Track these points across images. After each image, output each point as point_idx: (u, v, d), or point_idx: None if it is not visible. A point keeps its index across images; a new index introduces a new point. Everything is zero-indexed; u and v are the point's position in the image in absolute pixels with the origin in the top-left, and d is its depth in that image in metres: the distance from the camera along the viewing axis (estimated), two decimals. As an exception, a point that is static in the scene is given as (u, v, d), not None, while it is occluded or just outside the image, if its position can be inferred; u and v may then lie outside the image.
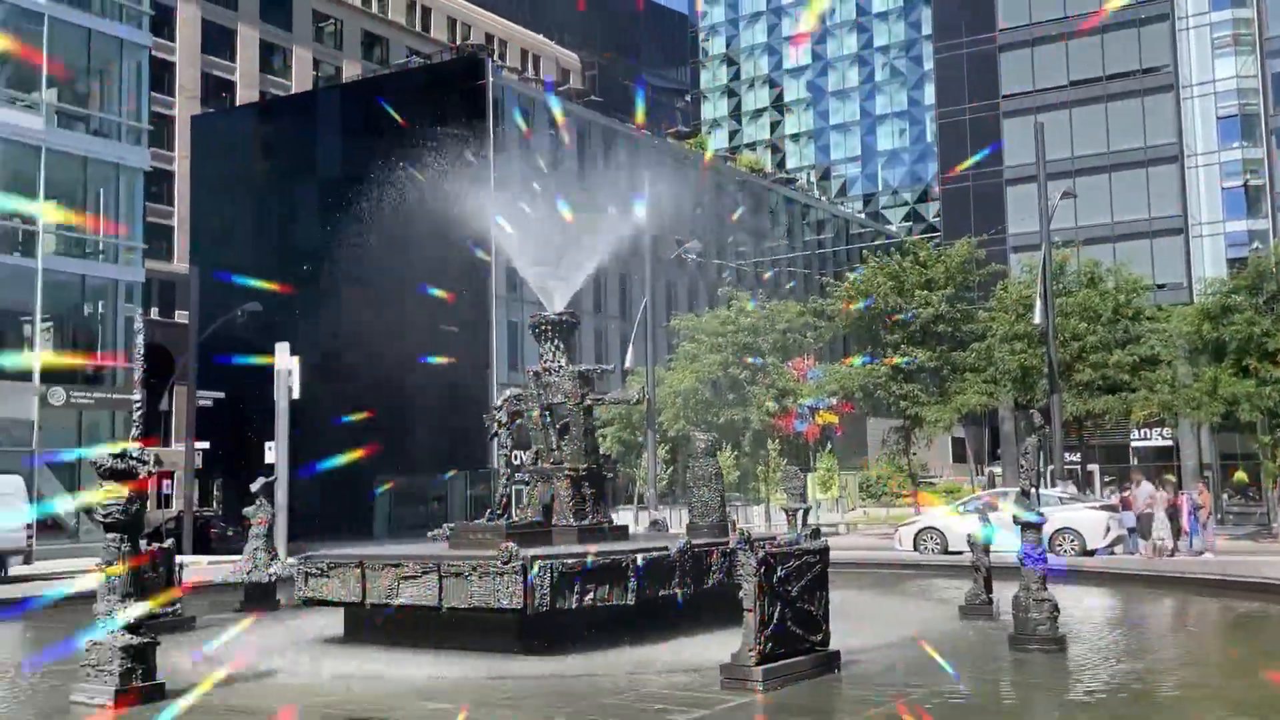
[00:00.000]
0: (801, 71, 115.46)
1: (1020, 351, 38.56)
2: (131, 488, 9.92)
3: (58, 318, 39.42)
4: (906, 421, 41.68)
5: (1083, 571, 19.87)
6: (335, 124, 56.89)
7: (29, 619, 18.15)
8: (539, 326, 14.76)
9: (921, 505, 38.02)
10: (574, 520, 13.88)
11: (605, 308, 57.37)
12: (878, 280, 41.20)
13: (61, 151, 37.65)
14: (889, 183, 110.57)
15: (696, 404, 43.57)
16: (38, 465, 35.78)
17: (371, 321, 48.88)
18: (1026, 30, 56.61)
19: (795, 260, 73.77)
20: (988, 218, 55.52)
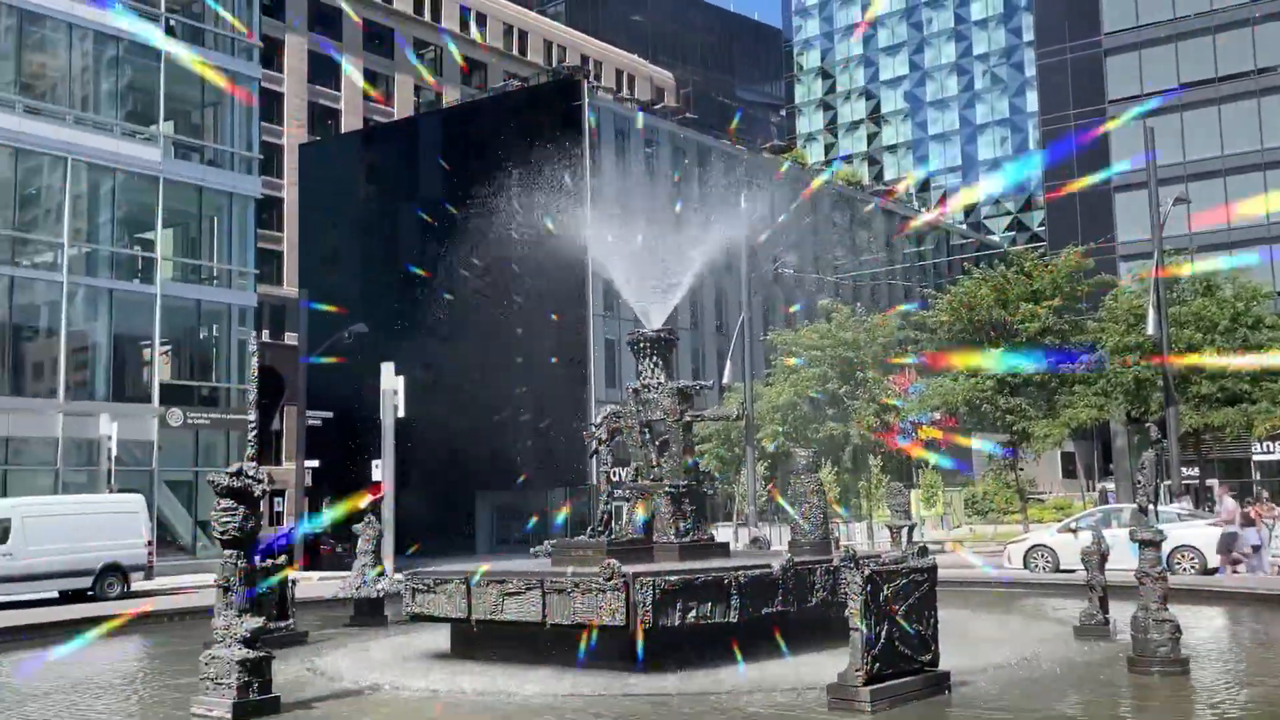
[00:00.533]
0: (899, 82, 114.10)
1: (1133, 364, 37.40)
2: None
3: (175, 341, 40.96)
4: (1013, 436, 40.73)
5: (1204, 591, 19.11)
6: (436, 148, 58.03)
7: (149, 632, 18.80)
8: (638, 343, 14.80)
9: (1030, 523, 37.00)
10: (675, 537, 13.85)
11: (702, 324, 57.33)
12: (981, 293, 40.41)
13: (178, 182, 39.16)
14: (991, 192, 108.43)
15: (796, 419, 43.22)
16: (157, 485, 37.16)
17: (473, 340, 49.65)
18: (1133, 33, 55.08)
19: (895, 273, 72.76)
20: (1095, 226, 54.03)
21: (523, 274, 44.72)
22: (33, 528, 25.86)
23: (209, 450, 39.09)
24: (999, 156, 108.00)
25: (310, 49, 69.04)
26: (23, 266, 36.34)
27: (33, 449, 35.83)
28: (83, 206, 37.61)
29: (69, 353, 36.30)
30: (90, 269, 37.60)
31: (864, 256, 69.87)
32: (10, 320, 35.93)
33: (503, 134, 52.05)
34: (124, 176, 38.00)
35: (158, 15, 39.20)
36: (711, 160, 58.00)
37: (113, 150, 37.46)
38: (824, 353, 44.63)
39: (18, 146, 35.40)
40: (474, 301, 49.93)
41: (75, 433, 35.57)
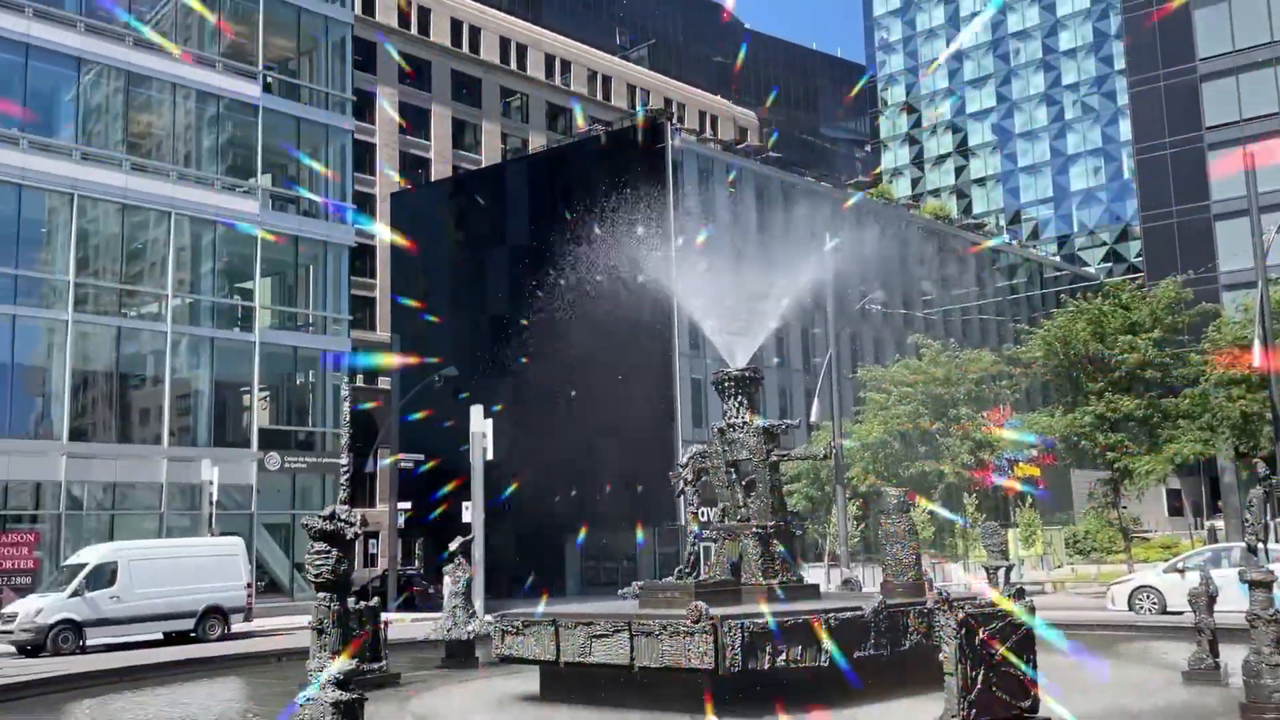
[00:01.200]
0: (986, 114, 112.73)
1: (1239, 397, 36.09)
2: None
3: (273, 388, 42.05)
4: (1114, 473, 39.52)
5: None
6: (523, 194, 58.96)
7: (248, 673, 19.18)
8: (722, 383, 14.74)
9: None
10: (763, 578, 13.69)
11: (789, 361, 56.95)
12: (1076, 327, 39.44)
13: (275, 233, 40.37)
14: (1085, 223, 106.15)
15: (886, 457, 42.56)
16: (256, 528, 38.04)
17: (561, 381, 50.01)
18: (1229, 58, 53.68)
19: (986, 307, 71.50)
20: (1195, 255, 52.46)
21: (609, 315, 44.97)
22: (138, 571, 26.64)
23: (305, 493, 39.93)
24: (1091, 187, 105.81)
25: (402, 100, 70.88)
26: (129, 317, 37.75)
27: (138, 494, 37.01)
28: (185, 258, 38.99)
29: (172, 400, 37.50)
30: (193, 318, 38.90)
31: (954, 291, 68.83)
32: (117, 369, 37.28)
33: (588, 178, 52.68)
34: (224, 229, 39.33)
35: (255, 73, 40.65)
36: (796, 198, 57.85)
37: (213, 204, 38.82)
38: (915, 389, 43.94)
39: (125, 203, 36.88)
40: (561, 343, 50.34)
41: (178, 478, 36.66)
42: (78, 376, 36.21)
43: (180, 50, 38.64)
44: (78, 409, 36.25)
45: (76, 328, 35.63)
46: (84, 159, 36.31)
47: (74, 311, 35.43)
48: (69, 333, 35.24)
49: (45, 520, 34.57)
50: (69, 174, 35.57)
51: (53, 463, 34.34)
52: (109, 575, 26.27)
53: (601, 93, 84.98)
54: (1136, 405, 37.74)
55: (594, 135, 60.71)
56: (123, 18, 37.38)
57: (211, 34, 40.44)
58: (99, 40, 36.82)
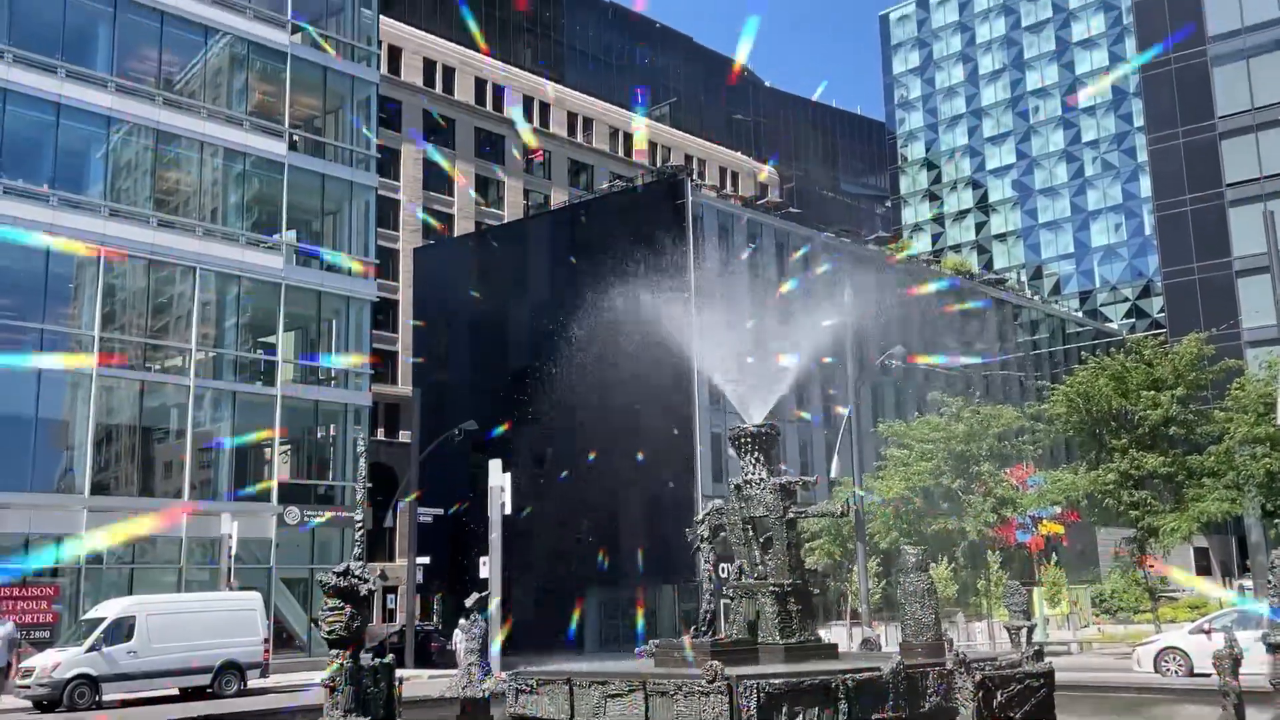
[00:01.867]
0: (1006, 171, 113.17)
1: (1264, 455, 35.73)
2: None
3: (294, 441, 42.21)
4: (1139, 531, 39.05)
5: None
6: (544, 249, 59.42)
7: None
8: (738, 439, 14.71)
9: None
10: (780, 638, 13.54)
11: (810, 416, 56.76)
12: (1099, 383, 39.23)
13: (298, 287, 40.78)
14: (1106, 279, 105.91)
15: (908, 514, 42.22)
16: (274, 582, 38.00)
17: (581, 437, 50.01)
18: (1249, 115, 53.80)
19: (1009, 363, 71.21)
20: (1218, 312, 52.19)
21: (630, 370, 45.06)
22: (156, 626, 26.62)
23: (324, 548, 39.89)
24: (1113, 243, 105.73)
25: (426, 157, 71.83)
26: (154, 371, 38.08)
27: (158, 548, 37.07)
28: (210, 313, 39.40)
29: (194, 453, 37.68)
30: (216, 372, 39.20)
31: (977, 345, 68.63)
32: (140, 423, 37.54)
33: (609, 233, 53.08)
34: (249, 283, 39.78)
35: (282, 131, 41.31)
36: (816, 253, 58.05)
37: (238, 259, 39.30)
38: (936, 445, 43.68)
39: (151, 258, 37.38)
40: (582, 398, 50.43)
41: (199, 532, 36.73)
42: (101, 430, 36.47)
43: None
44: (100, 463, 36.47)
45: (100, 381, 35.96)
46: (112, 215, 36.89)
47: (99, 366, 35.79)
48: (93, 387, 35.56)
49: (65, 574, 34.65)
50: (97, 230, 36.12)
51: (74, 517, 34.49)
52: (127, 630, 26.26)
53: (623, 149, 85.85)
54: (1161, 463, 37.41)
55: (615, 191, 61.29)
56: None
57: (239, 92, 41.20)
58: (129, 99, 37.56)
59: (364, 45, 44.76)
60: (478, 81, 76.91)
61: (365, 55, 44.68)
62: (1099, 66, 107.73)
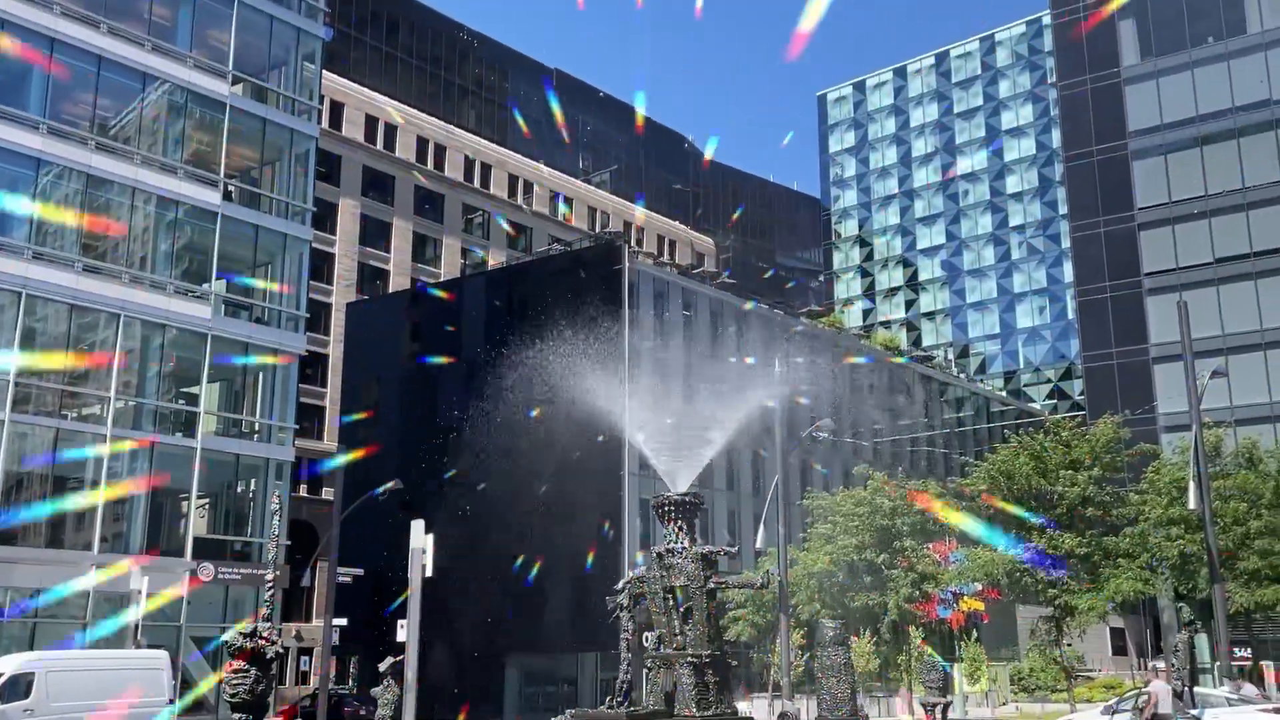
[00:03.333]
0: (936, 251, 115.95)
1: (1177, 537, 36.55)
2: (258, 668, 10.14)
3: (212, 495, 41.25)
4: (1056, 610, 39.57)
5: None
6: (480, 309, 59.31)
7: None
8: (661, 507, 14.76)
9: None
10: (696, 709, 13.50)
11: (739, 485, 56.98)
12: (1019, 461, 39.96)
13: (224, 338, 40.14)
14: (1030, 360, 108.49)
15: (832, 587, 42.37)
16: (184, 640, 36.85)
17: (508, 499, 49.59)
18: (1166, 209, 55.91)
19: (934, 439, 72.30)
20: (1136, 396, 53.67)
21: (560, 433, 44.96)
22: (55, 683, 25.64)
23: (238, 605, 38.83)
24: (1037, 325, 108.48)
25: (364, 212, 71.61)
26: (69, 419, 37.09)
27: (64, 602, 35.78)
28: (133, 360, 38.58)
29: (106, 506, 36.62)
30: (135, 422, 38.28)
31: (903, 421, 69.63)
32: (52, 472, 36.46)
33: (545, 296, 53.21)
34: (174, 333, 39.09)
35: (217, 181, 40.95)
36: (750, 324, 58.71)
37: (164, 307, 38.65)
38: (861, 520, 44.01)
39: (74, 303, 36.61)
40: (511, 459, 50.10)
41: (107, 586, 35.56)
42: (10, 478, 35.36)
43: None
44: (6, 511, 35.27)
45: (13, 427, 34.93)
46: (35, 258, 36.14)
47: (12, 411, 34.77)
48: (4, 433, 34.52)
49: (-37, 626, 33.31)
50: (19, 272, 35.35)
51: (-24, 566, 33.25)
52: (25, 687, 25.25)
53: (563, 214, 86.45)
54: (1078, 542, 38.05)
55: (552, 254, 61.56)
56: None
57: (176, 141, 40.84)
58: (60, 142, 37.04)
59: (305, 99, 44.73)
60: (419, 140, 77.13)
61: (306, 110, 44.63)
62: (1026, 155, 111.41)
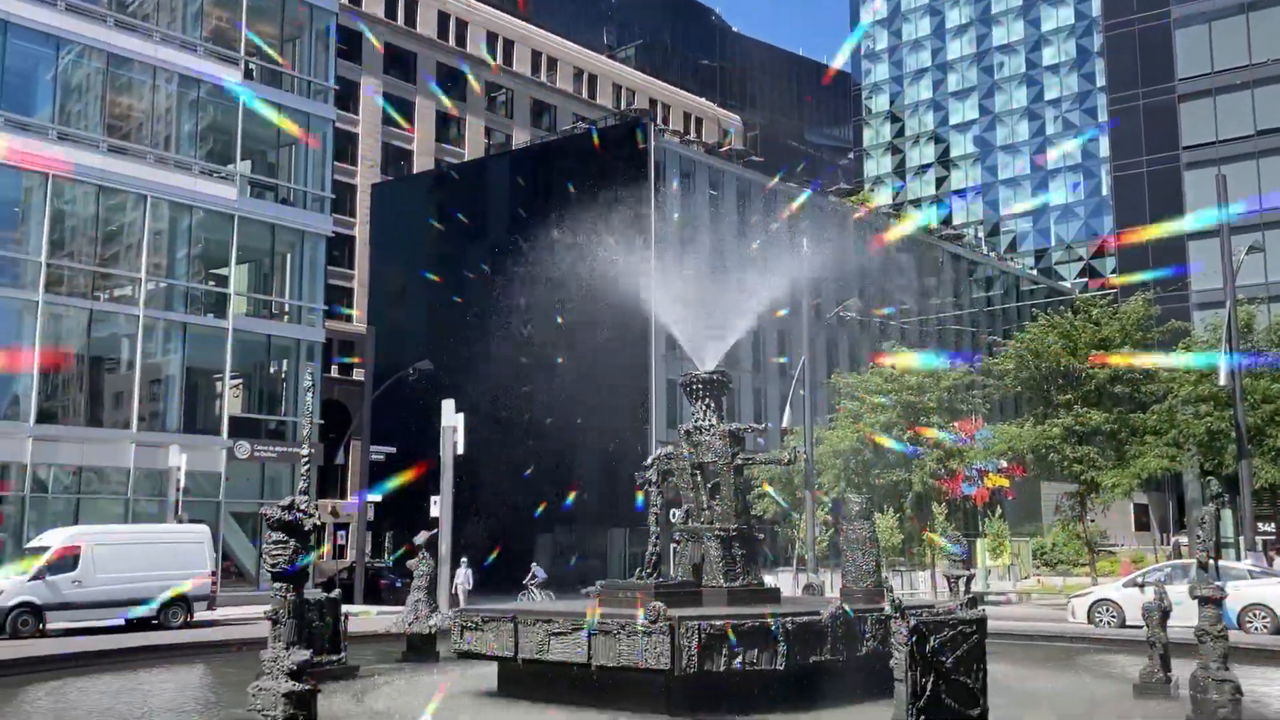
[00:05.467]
0: (968, 126, 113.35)
1: (1206, 414, 36.49)
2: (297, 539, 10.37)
3: (245, 376, 41.83)
4: (1082, 486, 39.85)
5: (1274, 651, 18.49)
6: (504, 189, 58.90)
7: (209, 662, 19.11)
8: (690, 385, 14.82)
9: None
10: (724, 581, 13.76)
11: (764, 366, 57.15)
12: (1048, 340, 39.76)
13: (252, 219, 40.17)
14: (1062, 237, 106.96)
15: (857, 465, 42.77)
16: (223, 516, 37.85)
17: (536, 379, 50.03)
18: (1207, 79, 54.23)
19: (962, 318, 71.94)
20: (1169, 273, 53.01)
21: (587, 313, 45.03)
22: (101, 556, 26.46)
23: (274, 483, 39.73)
24: (1070, 202, 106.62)
25: (386, 91, 70.63)
26: (102, 300, 37.47)
27: (106, 478, 36.74)
28: (161, 243, 38.72)
29: (143, 385, 37.25)
30: (167, 303, 38.64)
31: (932, 301, 69.24)
32: (88, 353, 37.01)
33: (570, 175, 52.68)
34: (201, 214, 39.11)
35: (237, 59, 40.43)
36: (776, 203, 58.04)
37: (191, 189, 38.58)
38: (887, 398, 44.11)
39: (101, 184, 36.60)
40: (538, 340, 50.38)
41: (146, 463, 36.40)
42: (48, 359, 35.91)
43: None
44: (47, 391, 35.97)
45: (48, 309, 35.33)
46: (61, 138, 36.02)
47: (45, 293, 35.12)
48: (39, 314, 34.94)
49: (10, 502, 34.27)
50: (45, 152, 35.27)
51: (19, 445, 34.04)
52: (72, 560, 26.08)
53: (587, 91, 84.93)
54: (1105, 419, 38.09)
55: (577, 133, 60.73)
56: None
57: (194, 17, 40.21)
58: (79, 19, 36.52)
59: (324, -27, 43.71)
60: (440, 15, 75.54)
61: (325, -17, 43.67)
62: (1064, 25, 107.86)
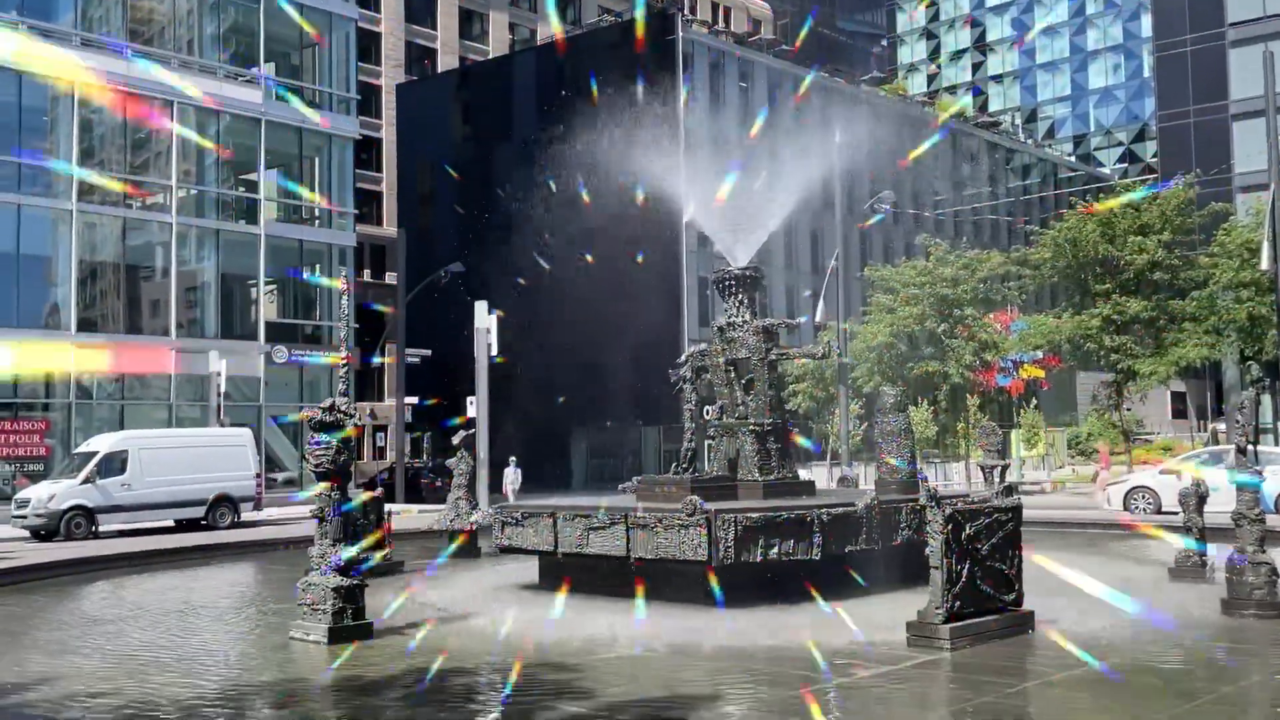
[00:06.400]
0: (1005, 9, 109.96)
1: (1247, 300, 35.94)
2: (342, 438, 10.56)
3: (280, 281, 42.10)
4: (1118, 375, 39.56)
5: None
6: (531, 86, 58.08)
7: (259, 559, 19.66)
8: (722, 281, 14.76)
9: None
10: (759, 475, 13.89)
11: (797, 262, 56.77)
12: (1086, 228, 39.07)
13: (278, 123, 39.94)
14: (1101, 122, 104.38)
15: (892, 358, 42.64)
16: (264, 419, 38.50)
17: (568, 278, 49.95)
18: (1256, -49, 52.10)
19: (998, 208, 70.83)
20: (1212, 156, 51.69)
21: (618, 211, 44.70)
22: (148, 459, 27.05)
23: (313, 386, 40.26)
24: (1110, 85, 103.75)
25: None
26: (135, 209, 37.61)
27: (148, 385, 37.39)
28: (190, 149, 38.66)
29: (179, 292, 37.61)
30: (198, 210, 38.76)
31: (967, 191, 68.12)
32: (124, 260, 37.33)
33: (596, 69, 51.75)
34: (228, 119, 38.92)
35: (257, -42, 39.76)
36: (809, 94, 56.89)
37: (216, 92, 38.33)
38: (922, 290, 43.73)
39: (126, 91, 36.42)
40: (568, 238, 50.14)
41: (186, 369, 36.96)
42: (85, 268, 36.26)
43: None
44: (85, 300, 36.40)
45: (82, 218, 35.56)
46: (84, 45, 35.77)
47: (79, 201, 35.30)
48: (74, 223, 35.18)
49: (56, 409, 35.00)
50: (70, 60, 35.07)
51: (62, 353, 34.59)
52: (120, 463, 26.69)
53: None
54: (1143, 308, 37.59)
55: (603, 26, 59.53)
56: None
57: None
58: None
59: None
60: (460, -93, 73.57)
61: (341, -124, 42.62)
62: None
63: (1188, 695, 8.10)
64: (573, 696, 8.22)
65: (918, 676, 8.81)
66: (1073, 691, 8.13)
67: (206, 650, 10.81)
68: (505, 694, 8.63)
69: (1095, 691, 7.76)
